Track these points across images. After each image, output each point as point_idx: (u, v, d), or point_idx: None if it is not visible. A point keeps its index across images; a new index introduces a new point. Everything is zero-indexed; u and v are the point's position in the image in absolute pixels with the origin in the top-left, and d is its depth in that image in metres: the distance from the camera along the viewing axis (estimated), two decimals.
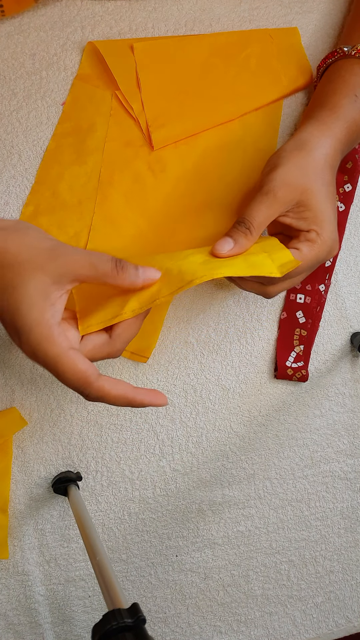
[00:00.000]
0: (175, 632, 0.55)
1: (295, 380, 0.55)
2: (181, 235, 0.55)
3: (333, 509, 0.57)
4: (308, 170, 0.47)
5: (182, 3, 0.59)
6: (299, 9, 0.60)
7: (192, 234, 0.55)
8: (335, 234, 0.47)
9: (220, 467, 0.56)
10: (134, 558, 0.55)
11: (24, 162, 0.56)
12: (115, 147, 0.56)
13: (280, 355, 0.55)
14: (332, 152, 0.48)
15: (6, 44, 0.57)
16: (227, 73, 0.57)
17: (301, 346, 0.56)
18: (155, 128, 0.56)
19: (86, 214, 0.55)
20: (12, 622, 0.53)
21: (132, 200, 0.55)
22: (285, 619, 0.57)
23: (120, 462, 0.55)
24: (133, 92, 0.56)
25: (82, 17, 0.58)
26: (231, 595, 0.56)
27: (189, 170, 0.56)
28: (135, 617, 0.34)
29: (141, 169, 0.56)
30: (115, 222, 0.55)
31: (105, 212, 0.55)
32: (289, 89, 0.58)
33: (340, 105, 0.50)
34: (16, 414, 0.53)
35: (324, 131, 0.48)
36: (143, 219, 0.55)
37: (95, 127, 0.56)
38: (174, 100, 0.57)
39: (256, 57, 0.58)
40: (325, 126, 0.49)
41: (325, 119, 0.50)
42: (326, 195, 0.47)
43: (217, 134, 0.57)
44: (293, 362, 0.55)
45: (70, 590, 0.54)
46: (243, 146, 0.57)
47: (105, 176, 0.56)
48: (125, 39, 0.58)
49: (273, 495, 0.56)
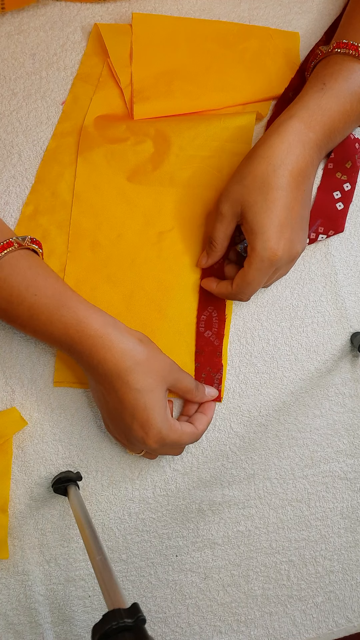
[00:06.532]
0: (175, 632, 0.55)
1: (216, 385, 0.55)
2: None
3: (333, 509, 0.57)
4: (246, 182, 0.49)
5: (182, 3, 0.59)
6: (298, 9, 0.60)
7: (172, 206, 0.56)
8: (272, 242, 0.48)
9: (220, 467, 0.56)
10: (134, 558, 0.55)
11: (24, 162, 0.56)
12: (96, 121, 0.56)
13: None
14: (283, 154, 0.48)
15: (6, 44, 0.57)
16: (221, 61, 0.57)
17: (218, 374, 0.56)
18: (139, 99, 0.56)
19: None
20: (12, 622, 0.53)
21: (112, 161, 0.56)
22: (285, 619, 0.57)
23: (120, 461, 0.55)
24: (124, 64, 0.56)
25: (82, 17, 0.58)
26: (231, 595, 0.56)
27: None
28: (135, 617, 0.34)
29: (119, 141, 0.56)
30: (97, 186, 0.55)
31: (87, 177, 0.55)
32: (277, 91, 0.58)
33: (306, 94, 0.51)
34: (16, 414, 0.53)
35: (282, 132, 0.49)
36: (126, 183, 0.55)
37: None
38: (163, 77, 0.57)
39: (252, 52, 0.58)
40: (288, 120, 0.49)
41: (290, 110, 0.51)
42: (263, 207, 0.48)
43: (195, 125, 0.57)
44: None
45: (70, 590, 0.54)
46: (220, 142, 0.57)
47: (84, 147, 0.55)
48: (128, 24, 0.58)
49: (273, 495, 0.56)
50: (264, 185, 0.48)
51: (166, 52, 0.57)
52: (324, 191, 0.57)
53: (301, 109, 0.50)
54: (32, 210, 0.55)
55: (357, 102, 0.51)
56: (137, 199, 0.55)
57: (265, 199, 0.48)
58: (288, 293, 0.57)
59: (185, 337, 0.54)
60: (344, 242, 0.58)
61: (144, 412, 0.47)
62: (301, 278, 0.57)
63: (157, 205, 0.55)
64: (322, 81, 0.51)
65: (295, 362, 0.57)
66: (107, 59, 0.57)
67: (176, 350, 0.52)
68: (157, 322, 0.54)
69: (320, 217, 0.56)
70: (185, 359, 0.54)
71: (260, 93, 0.58)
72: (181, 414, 0.55)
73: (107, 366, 0.47)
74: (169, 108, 0.56)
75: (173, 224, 0.55)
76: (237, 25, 0.59)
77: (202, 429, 0.52)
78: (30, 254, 0.49)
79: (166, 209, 0.55)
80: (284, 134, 0.49)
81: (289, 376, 0.57)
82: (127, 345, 0.47)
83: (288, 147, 0.48)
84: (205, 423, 0.52)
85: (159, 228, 0.55)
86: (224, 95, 0.57)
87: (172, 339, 0.54)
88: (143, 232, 0.55)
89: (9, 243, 0.48)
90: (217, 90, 0.57)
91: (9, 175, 0.56)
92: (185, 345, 0.54)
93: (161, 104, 0.56)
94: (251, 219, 0.48)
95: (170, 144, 0.55)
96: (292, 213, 0.48)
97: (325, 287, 0.57)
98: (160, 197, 0.55)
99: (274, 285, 0.57)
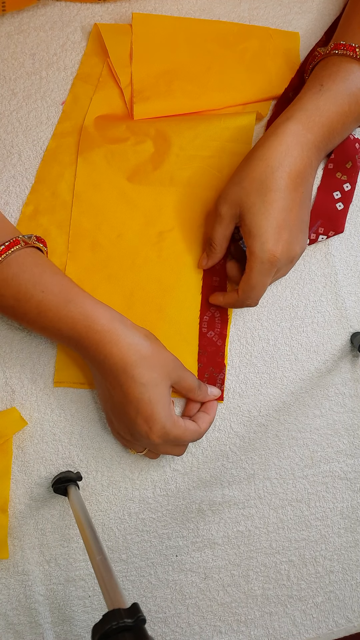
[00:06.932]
0: (175, 632, 0.55)
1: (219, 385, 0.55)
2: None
3: (333, 509, 0.57)
4: (244, 184, 0.49)
5: (182, 3, 0.59)
6: (298, 9, 0.60)
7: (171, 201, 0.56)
8: (270, 244, 0.48)
9: (220, 467, 0.56)
10: (134, 558, 0.55)
11: (24, 162, 0.56)
12: (96, 122, 0.56)
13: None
14: (281, 156, 0.48)
15: (6, 44, 0.57)
16: (221, 61, 0.57)
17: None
18: (139, 99, 0.56)
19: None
20: (12, 622, 0.53)
21: (112, 161, 0.56)
22: (285, 619, 0.57)
23: (120, 461, 0.55)
24: (124, 64, 0.56)
25: (82, 17, 0.58)
26: (231, 595, 0.56)
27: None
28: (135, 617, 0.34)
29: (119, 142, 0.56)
30: (98, 186, 0.55)
31: (87, 177, 0.55)
32: (277, 91, 0.58)
33: (304, 95, 0.51)
34: (16, 414, 0.53)
35: (280, 134, 0.49)
36: (127, 183, 0.55)
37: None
38: (163, 77, 0.57)
39: (252, 52, 0.58)
40: (286, 122, 0.50)
41: (288, 111, 0.51)
42: (261, 209, 0.48)
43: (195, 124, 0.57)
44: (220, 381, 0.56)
45: (70, 590, 0.54)
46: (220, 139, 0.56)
47: (84, 147, 0.55)
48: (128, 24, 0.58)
49: (273, 495, 0.56)
50: (262, 187, 0.48)
51: (166, 52, 0.57)
52: (324, 191, 0.57)
53: (299, 111, 0.50)
54: (32, 210, 0.55)
55: (355, 103, 0.51)
56: (137, 199, 0.55)
57: (263, 201, 0.48)
58: (288, 293, 0.57)
59: (185, 337, 0.54)
60: (344, 242, 0.58)
61: (149, 406, 0.47)
62: (301, 278, 0.57)
63: (157, 205, 0.55)
64: (320, 82, 0.51)
65: (295, 362, 0.57)
66: (107, 59, 0.57)
67: (177, 350, 0.52)
68: (157, 322, 0.54)
69: (320, 218, 0.56)
70: (187, 358, 0.54)
71: (260, 93, 0.58)
72: (183, 414, 0.55)
73: (114, 360, 0.47)
74: (169, 108, 0.56)
75: (173, 224, 0.55)
76: (237, 25, 0.59)
77: (205, 428, 0.52)
78: (36, 252, 0.50)
79: (166, 209, 0.55)
80: (282, 136, 0.49)
81: (289, 376, 0.57)
82: (133, 340, 0.48)
83: (286, 149, 0.48)
84: (208, 422, 0.53)
85: (159, 228, 0.55)
86: (224, 95, 0.57)
87: (173, 338, 0.54)
88: (143, 232, 0.55)
89: (15, 241, 0.48)
90: (217, 90, 0.57)
91: (9, 175, 0.56)
92: (186, 345, 0.54)
93: (161, 104, 0.56)
94: (249, 221, 0.48)
95: (170, 144, 0.55)
96: (290, 215, 0.48)
97: (325, 287, 0.57)
98: (161, 197, 0.55)
99: (274, 285, 0.57)
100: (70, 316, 0.47)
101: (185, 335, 0.54)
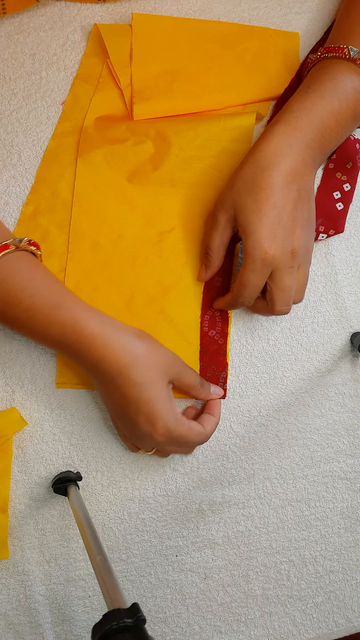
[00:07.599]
0: (175, 632, 0.55)
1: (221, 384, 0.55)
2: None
3: (333, 509, 0.57)
4: (236, 187, 0.49)
5: (182, 3, 0.59)
6: (298, 9, 0.60)
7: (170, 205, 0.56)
8: (262, 242, 0.48)
9: (220, 467, 0.56)
10: (134, 558, 0.55)
11: (24, 162, 0.56)
12: (96, 122, 0.56)
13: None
14: (271, 156, 0.48)
15: (6, 44, 0.57)
16: (221, 61, 0.57)
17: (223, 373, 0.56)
18: (139, 100, 0.56)
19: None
20: (12, 622, 0.53)
21: (112, 162, 0.56)
22: (285, 619, 0.57)
23: (120, 461, 0.55)
24: (124, 64, 0.56)
25: (82, 17, 0.58)
26: (231, 595, 0.56)
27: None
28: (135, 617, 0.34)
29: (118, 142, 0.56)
30: (97, 187, 0.55)
31: (86, 178, 0.55)
32: (277, 91, 0.58)
33: (292, 99, 0.52)
34: (16, 414, 0.53)
35: (269, 136, 0.49)
36: (127, 184, 0.55)
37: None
38: (163, 77, 0.57)
39: (252, 52, 0.58)
40: (274, 124, 0.50)
41: (276, 116, 0.51)
42: (252, 208, 0.48)
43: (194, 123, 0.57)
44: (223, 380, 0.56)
45: (70, 590, 0.54)
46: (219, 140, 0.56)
47: (84, 147, 0.55)
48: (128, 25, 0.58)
49: (273, 495, 0.56)
50: (253, 186, 0.48)
51: (166, 52, 0.57)
52: (324, 191, 0.57)
53: (286, 113, 0.50)
54: (32, 210, 0.55)
55: (346, 100, 0.51)
56: (137, 200, 0.55)
57: (255, 200, 0.48)
58: None
59: (187, 336, 0.54)
60: (344, 242, 0.58)
61: (148, 405, 0.47)
62: None
63: (157, 205, 0.55)
64: (307, 85, 0.52)
65: (295, 362, 0.57)
66: (107, 60, 0.57)
67: (178, 350, 0.52)
68: (158, 322, 0.54)
69: (320, 217, 0.56)
70: (188, 358, 0.54)
71: (260, 93, 0.58)
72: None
73: (107, 364, 0.47)
74: (169, 108, 0.56)
75: (173, 225, 0.55)
76: (237, 25, 0.59)
77: (211, 430, 0.52)
78: (28, 256, 0.49)
79: (166, 209, 0.55)
80: (270, 138, 0.49)
81: (289, 376, 0.57)
82: (125, 341, 0.48)
83: (275, 149, 0.49)
84: (213, 424, 0.52)
85: (160, 228, 0.55)
86: (224, 96, 0.57)
87: (174, 338, 0.54)
88: (143, 233, 0.55)
89: (5, 245, 0.48)
90: (217, 90, 0.57)
91: (9, 175, 0.56)
92: (187, 345, 0.54)
93: (161, 104, 0.56)
94: (242, 220, 0.48)
95: (170, 144, 0.55)
96: (283, 212, 0.48)
97: (325, 287, 0.57)
98: (161, 197, 0.55)
99: None
100: (59, 321, 0.47)
101: (187, 335, 0.54)
